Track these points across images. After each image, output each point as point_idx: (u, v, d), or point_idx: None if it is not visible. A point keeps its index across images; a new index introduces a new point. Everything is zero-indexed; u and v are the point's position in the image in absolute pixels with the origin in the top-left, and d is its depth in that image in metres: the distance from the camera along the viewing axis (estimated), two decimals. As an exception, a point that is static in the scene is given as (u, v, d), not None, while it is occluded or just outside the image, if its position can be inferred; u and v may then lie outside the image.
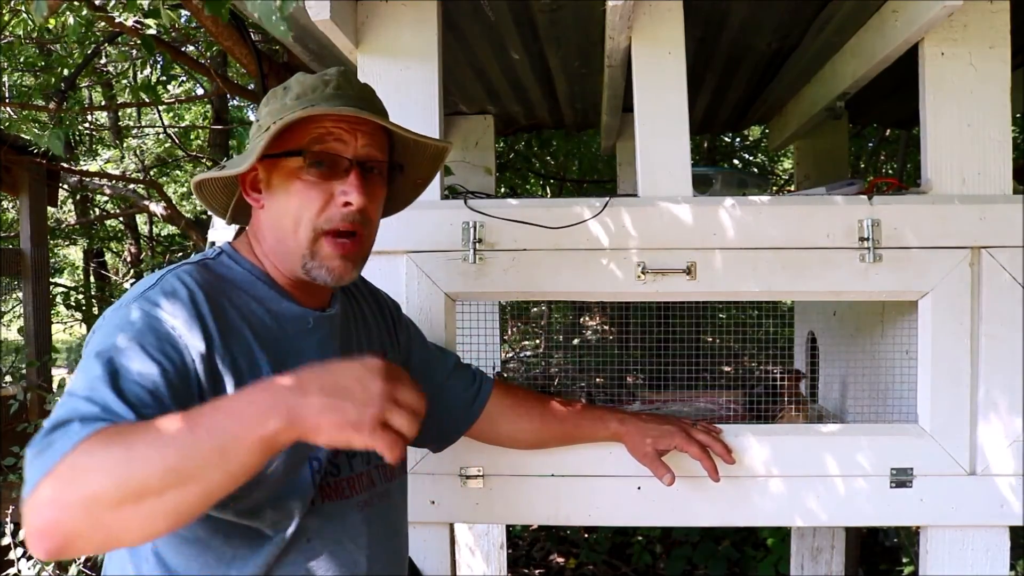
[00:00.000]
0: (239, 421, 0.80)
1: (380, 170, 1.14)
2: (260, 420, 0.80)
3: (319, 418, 0.81)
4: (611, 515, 1.56)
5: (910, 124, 3.28)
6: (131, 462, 0.78)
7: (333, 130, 1.08)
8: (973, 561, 1.52)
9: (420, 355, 1.42)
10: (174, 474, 0.78)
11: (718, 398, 1.91)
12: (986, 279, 1.51)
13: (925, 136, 1.57)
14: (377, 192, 1.14)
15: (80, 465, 0.78)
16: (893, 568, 3.95)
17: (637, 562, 4.26)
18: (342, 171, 1.08)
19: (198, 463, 0.78)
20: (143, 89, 3.48)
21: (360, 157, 1.09)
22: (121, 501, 0.77)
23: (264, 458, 0.82)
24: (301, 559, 1.07)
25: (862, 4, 1.71)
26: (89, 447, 0.79)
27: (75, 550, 0.79)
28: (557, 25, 1.99)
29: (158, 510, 0.79)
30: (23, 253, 3.80)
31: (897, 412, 1.62)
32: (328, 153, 1.08)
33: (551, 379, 2.32)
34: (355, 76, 1.14)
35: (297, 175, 1.08)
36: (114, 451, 0.79)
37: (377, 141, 1.12)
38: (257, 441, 0.80)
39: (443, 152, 1.24)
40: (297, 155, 1.07)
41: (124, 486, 0.77)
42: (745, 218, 1.53)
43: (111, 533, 0.79)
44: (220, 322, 1.02)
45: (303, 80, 1.12)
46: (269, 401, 0.82)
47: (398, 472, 1.25)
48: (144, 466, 0.78)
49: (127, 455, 0.78)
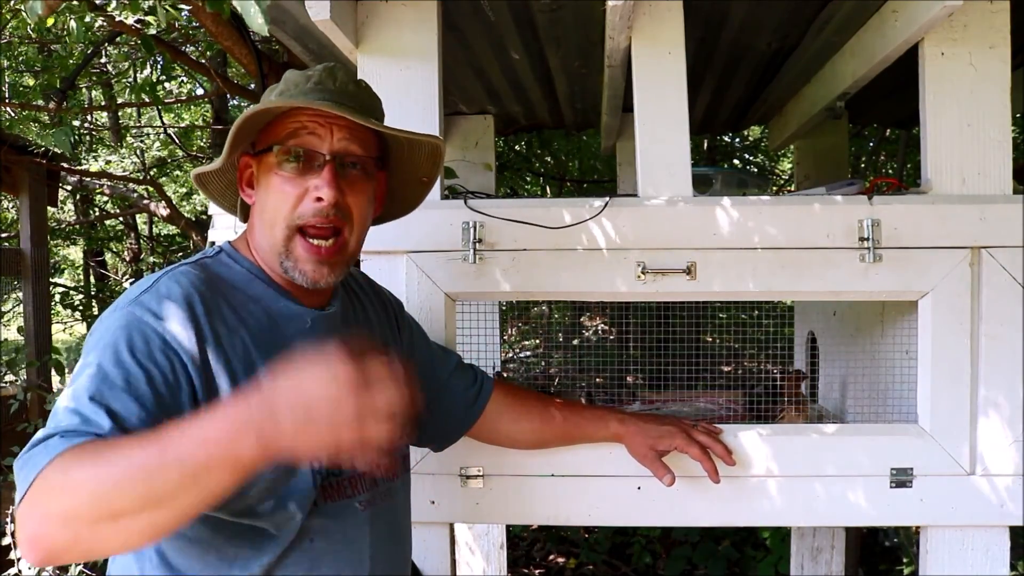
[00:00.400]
0: (207, 448, 0.79)
1: (362, 165, 1.12)
2: (230, 447, 0.79)
3: (293, 443, 0.79)
4: (611, 515, 1.56)
5: (910, 124, 3.28)
6: (103, 484, 0.79)
7: (308, 124, 1.08)
8: (973, 561, 1.52)
9: (422, 354, 1.42)
10: (146, 499, 0.78)
11: (718, 398, 1.91)
12: (986, 279, 1.51)
13: (925, 136, 1.57)
14: (358, 188, 1.11)
15: (55, 483, 0.80)
16: (893, 568, 3.95)
17: (637, 562, 4.26)
18: (316, 166, 1.08)
19: (169, 489, 0.78)
20: (143, 89, 3.48)
21: (336, 152, 1.08)
22: (97, 519, 0.78)
23: (240, 479, 0.81)
24: (304, 559, 1.07)
25: (862, 4, 1.71)
26: (64, 464, 0.80)
27: (62, 559, 0.82)
28: (557, 25, 1.99)
29: (134, 529, 0.80)
30: (23, 253, 3.81)
31: (897, 412, 1.62)
32: (301, 147, 1.07)
33: (551, 379, 2.32)
34: (342, 71, 1.13)
35: (275, 170, 1.08)
36: (88, 470, 0.79)
37: (358, 136, 1.10)
38: (228, 467, 0.79)
39: (436, 148, 1.22)
40: (269, 150, 1.07)
41: (98, 506, 0.78)
42: (745, 218, 1.53)
43: (92, 546, 0.81)
44: (215, 324, 1.02)
45: (289, 77, 1.12)
46: (238, 425, 0.79)
47: (400, 470, 1.25)
48: (116, 490, 0.78)
49: (100, 476, 0.79)
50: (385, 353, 0.85)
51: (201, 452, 0.79)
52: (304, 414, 0.79)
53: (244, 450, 0.79)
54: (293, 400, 0.79)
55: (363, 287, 1.34)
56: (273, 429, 0.79)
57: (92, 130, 5.83)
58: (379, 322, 1.32)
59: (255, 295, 1.10)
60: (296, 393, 0.80)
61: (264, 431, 0.79)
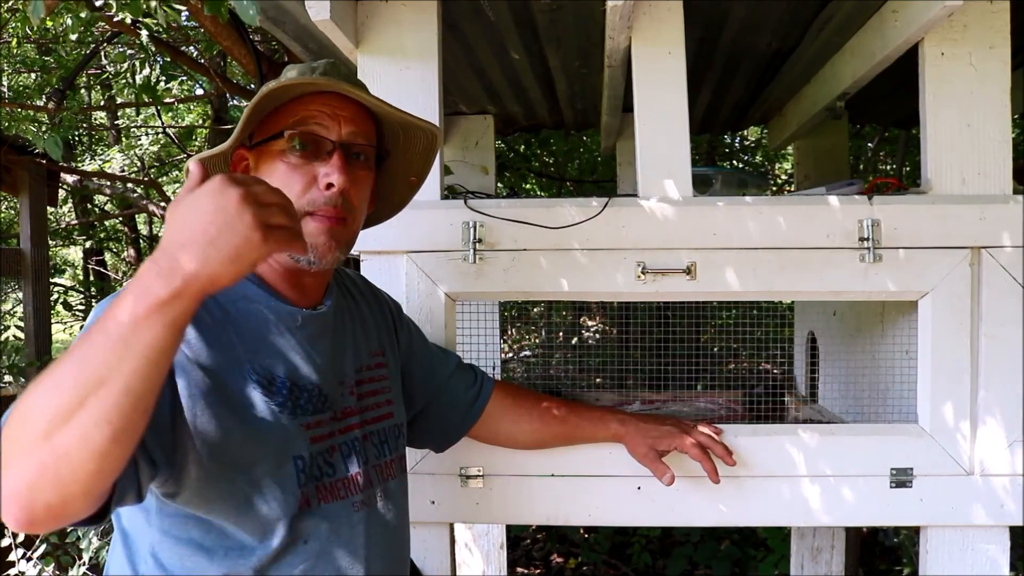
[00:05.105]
0: (123, 309, 0.78)
1: (366, 156, 1.13)
2: (142, 296, 0.78)
3: (209, 267, 0.79)
4: (611, 515, 1.56)
5: (910, 124, 3.28)
6: (43, 392, 0.77)
7: (316, 114, 1.08)
8: (973, 561, 1.52)
9: (421, 356, 1.42)
10: (85, 383, 0.76)
11: (718, 398, 1.92)
12: (986, 279, 1.51)
13: (925, 136, 1.57)
14: (362, 178, 1.13)
15: (8, 432, 0.77)
16: (893, 568, 3.95)
17: (637, 562, 4.26)
18: (325, 153, 1.08)
19: (103, 362, 0.77)
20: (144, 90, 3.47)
21: (344, 140, 1.09)
22: (49, 430, 0.76)
23: (172, 330, 0.79)
24: (298, 560, 1.06)
25: (862, 4, 1.71)
26: (11, 412, 0.79)
27: (38, 506, 0.77)
28: (557, 25, 1.99)
29: (88, 422, 0.76)
30: (23, 253, 3.80)
31: (897, 412, 1.62)
32: (310, 134, 1.08)
33: (551, 379, 2.32)
34: (344, 65, 1.15)
35: (281, 157, 1.08)
36: (28, 396, 0.78)
37: (362, 128, 1.12)
38: (152, 316, 0.78)
39: (434, 141, 1.23)
40: (280, 137, 1.07)
41: (44, 414, 0.76)
42: (745, 218, 1.53)
43: (59, 469, 0.76)
44: (199, 321, 1.02)
45: (292, 68, 1.13)
46: (142, 276, 0.79)
47: (396, 472, 1.25)
48: (55, 388, 0.77)
49: (38, 389, 0.78)
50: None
51: (119, 315, 0.78)
52: (204, 233, 0.79)
53: (157, 290, 0.78)
54: (187, 230, 0.80)
55: (360, 289, 1.34)
56: (177, 261, 0.78)
57: (91, 130, 5.83)
58: (375, 324, 1.32)
59: (245, 294, 1.10)
60: (184, 223, 0.80)
61: (168, 266, 0.78)
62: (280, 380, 1.07)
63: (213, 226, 0.79)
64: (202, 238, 0.79)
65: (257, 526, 1.03)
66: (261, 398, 1.04)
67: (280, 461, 1.05)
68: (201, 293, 0.80)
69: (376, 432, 1.22)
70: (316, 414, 1.11)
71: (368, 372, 1.24)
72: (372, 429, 1.21)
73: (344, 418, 1.16)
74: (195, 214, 0.80)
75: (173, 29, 3.42)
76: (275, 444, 1.05)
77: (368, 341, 1.28)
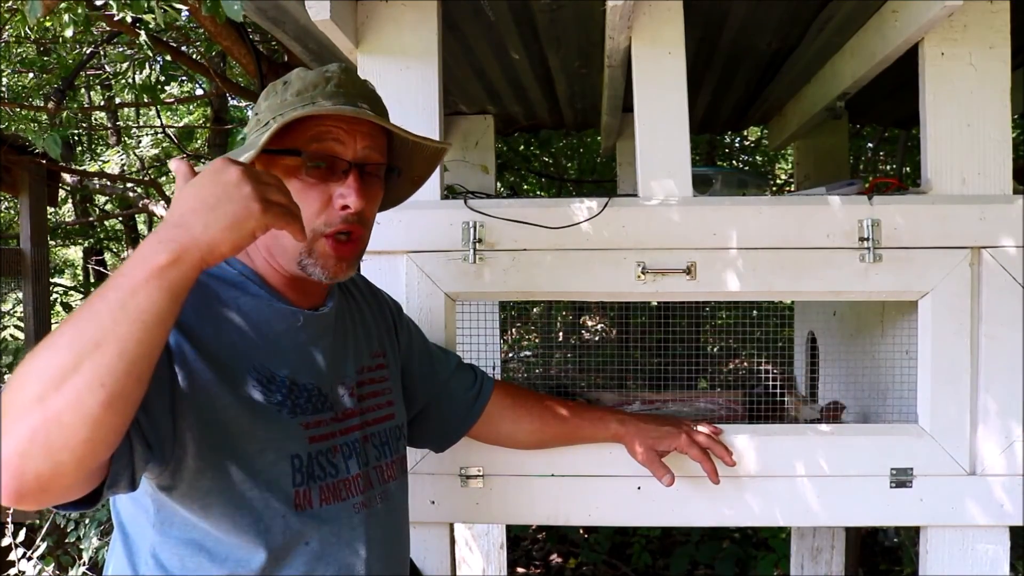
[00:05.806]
0: (124, 275, 0.80)
1: (378, 172, 1.13)
2: (143, 262, 0.80)
3: (208, 232, 0.82)
4: (611, 515, 1.56)
5: (910, 124, 3.28)
6: (40, 357, 0.77)
7: (332, 129, 1.07)
8: (973, 561, 1.52)
9: (422, 356, 1.42)
10: (81, 345, 0.76)
11: (718, 398, 1.91)
12: (986, 279, 1.51)
13: (925, 136, 1.57)
14: (375, 194, 1.13)
15: (5, 393, 0.77)
16: (893, 568, 3.95)
17: (637, 562, 4.26)
18: (340, 172, 1.08)
19: (100, 325, 0.77)
20: (144, 90, 3.48)
21: (359, 159, 1.09)
22: (43, 393, 0.75)
23: (170, 296, 0.80)
24: (299, 561, 1.06)
25: (862, 4, 1.71)
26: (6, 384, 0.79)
27: (31, 478, 0.75)
28: (557, 25, 1.99)
29: (82, 385, 0.75)
30: (23, 253, 3.80)
31: (897, 412, 1.62)
32: (327, 154, 1.07)
33: (551, 379, 2.32)
34: (356, 72, 1.14)
35: (295, 174, 1.07)
36: (25, 363, 0.78)
37: (376, 143, 1.12)
38: (152, 281, 0.79)
39: (441, 153, 1.24)
40: (296, 154, 1.06)
41: (40, 377, 0.76)
42: (745, 218, 1.53)
43: (50, 433, 0.75)
44: (201, 317, 1.02)
45: (303, 76, 1.10)
46: (150, 244, 0.81)
47: (397, 473, 1.25)
48: (51, 351, 0.77)
49: (35, 355, 0.78)
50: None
51: (119, 281, 0.79)
52: (206, 204, 0.83)
53: (156, 256, 0.80)
54: (191, 201, 0.84)
55: (361, 290, 1.34)
56: (179, 231, 0.82)
57: (91, 130, 5.83)
58: (376, 324, 1.32)
59: (247, 294, 1.10)
60: (190, 196, 0.84)
61: (168, 235, 0.82)
62: (280, 379, 1.08)
63: (212, 196, 0.84)
64: (201, 206, 0.83)
65: (253, 524, 1.03)
66: (260, 395, 1.05)
67: (276, 458, 1.05)
68: (201, 261, 0.82)
69: (377, 433, 1.22)
70: (316, 414, 1.11)
71: (369, 373, 1.25)
72: (373, 430, 1.21)
73: (345, 419, 1.16)
74: (195, 189, 0.85)
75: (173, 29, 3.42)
76: (272, 441, 1.05)
77: (369, 342, 1.28)
